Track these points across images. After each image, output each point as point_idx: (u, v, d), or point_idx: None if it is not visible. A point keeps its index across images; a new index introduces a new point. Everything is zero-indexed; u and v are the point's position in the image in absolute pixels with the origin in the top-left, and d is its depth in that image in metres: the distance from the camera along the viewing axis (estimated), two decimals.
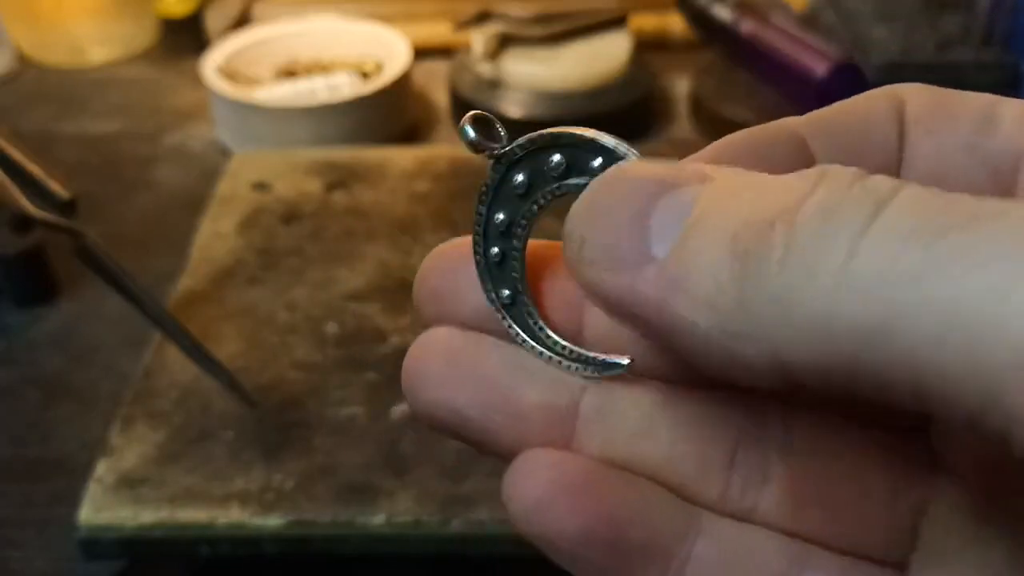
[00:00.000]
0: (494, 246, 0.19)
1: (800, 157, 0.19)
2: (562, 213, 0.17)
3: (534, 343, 0.19)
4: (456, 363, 0.20)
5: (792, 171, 0.16)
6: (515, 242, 0.19)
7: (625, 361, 0.19)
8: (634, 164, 0.17)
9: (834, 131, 0.19)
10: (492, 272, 0.20)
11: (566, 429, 0.19)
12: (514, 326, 0.19)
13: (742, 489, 0.19)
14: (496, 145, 0.19)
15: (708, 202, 0.15)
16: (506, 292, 0.19)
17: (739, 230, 0.14)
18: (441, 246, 0.20)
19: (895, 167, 0.19)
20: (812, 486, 0.19)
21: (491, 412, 0.19)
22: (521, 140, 0.18)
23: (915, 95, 0.19)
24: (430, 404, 0.20)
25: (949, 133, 0.19)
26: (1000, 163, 0.18)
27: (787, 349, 0.14)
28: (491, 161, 0.19)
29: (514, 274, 0.19)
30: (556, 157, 0.18)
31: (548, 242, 0.20)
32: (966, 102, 0.19)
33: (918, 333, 0.13)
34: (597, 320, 0.19)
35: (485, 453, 0.20)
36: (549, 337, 0.19)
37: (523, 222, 0.19)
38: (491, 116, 0.19)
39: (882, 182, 0.14)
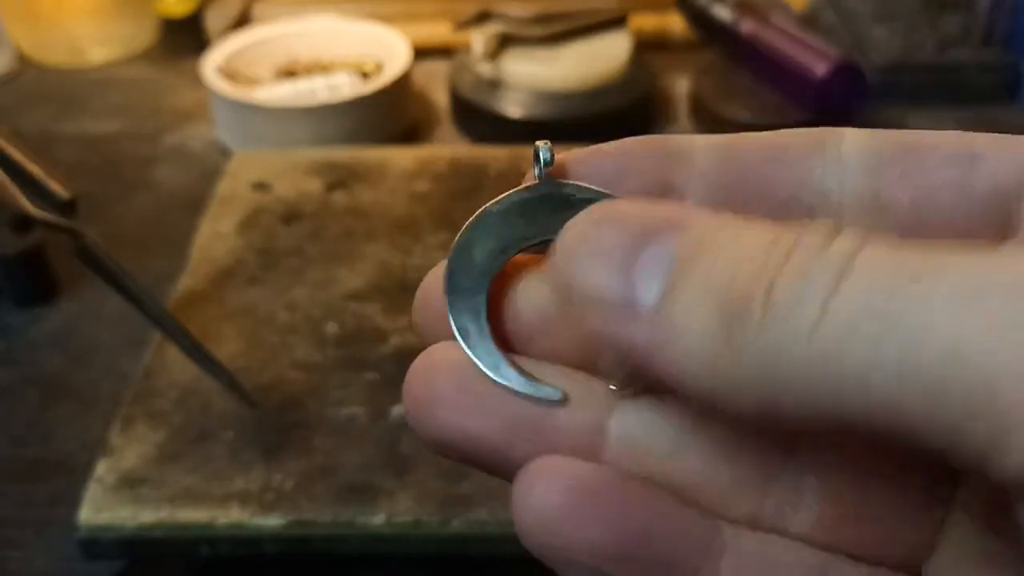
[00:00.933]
0: (476, 250, 0.20)
1: (657, 184, 0.20)
2: None
3: (481, 362, 0.19)
4: (470, 386, 0.19)
5: (654, 186, 0.19)
6: (497, 259, 0.20)
7: (557, 396, 0.19)
8: (612, 209, 0.17)
9: (740, 159, 0.20)
10: (461, 273, 0.20)
11: (593, 454, 0.19)
12: (462, 335, 0.19)
13: (776, 509, 0.19)
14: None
15: (690, 257, 0.16)
16: (467, 298, 0.20)
17: (722, 293, 0.15)
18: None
19: (814, 204, 0.19)
20: (847, 505, 0.19)
21: (514, 438, 0.19)
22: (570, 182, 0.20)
23: (855, 135, 0.19)
24: (446, 432, 0.19)
25: (926, 169, 0.19)
26: (990, 199, 0.19)
27: (773, 401, 0.15)
28: (534, 183, 0.20)
29: (483, 283, 0.20)
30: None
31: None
32: (929, 138, 0.19)
33: (886, 385, 0.14)
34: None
35: (499, 477, 0.19)
36: (494, 351, 0.19)
37: (509, 252, 0.20)
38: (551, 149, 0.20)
39: (849, 239, 0.15)
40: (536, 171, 0.20)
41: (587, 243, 0.17)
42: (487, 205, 0.20)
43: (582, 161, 0.20)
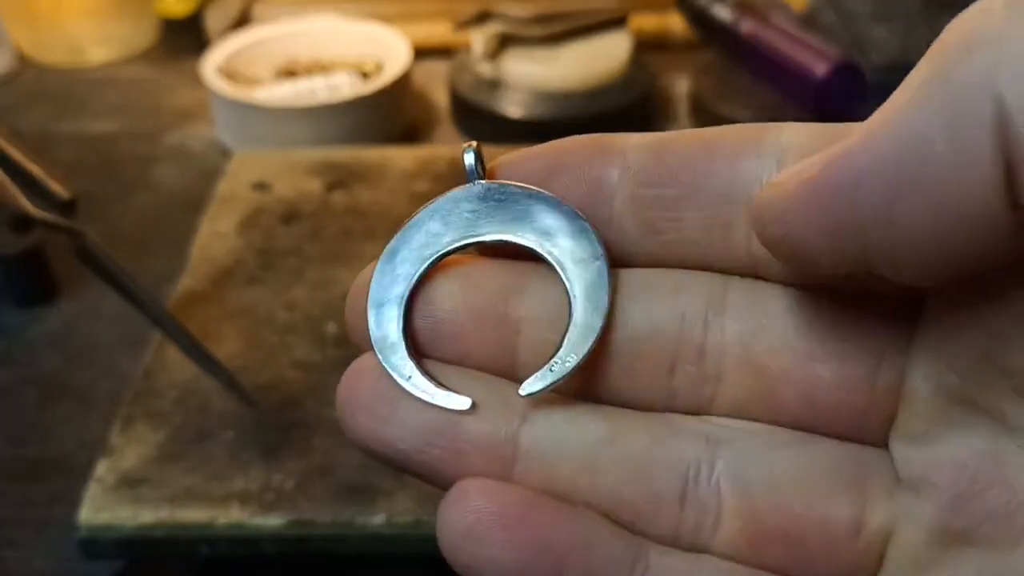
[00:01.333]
0: (398, 257, 0.20)
1: (588, 181, 0.20)
2: None
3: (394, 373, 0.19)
4: (388, 395, 0.19)
5: (585, 184, 0.20)
6: (419, 265, 0.20)
7: (465, 406, 0.19)
8: None
9: (674, 157, 0.20)
10: (385, 279, 0.20)
11: (506, 463, 0.19)
12: (376, 340, 0.20)
13: (695, 525, 0.19)
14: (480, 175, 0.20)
15: None
16: (387, 306, 0.20)
17: None
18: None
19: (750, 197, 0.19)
20: (772, 522, 0.19)
21: (427, 446, 0.19)
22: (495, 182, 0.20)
23: (798, 130, 0.20)
24: (366, 437, 0.19)
25: None
26: None
27: None
28: (464, 186, 0.20)
29: (403, 288, 0.20)
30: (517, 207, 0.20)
31: (467, 257, 0.20)
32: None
33: None
34: (529, 341, 0.19)
35: (436, 487, 0.19)
36: (406, 359, 0.19)
37: (435, 256, 0.20)
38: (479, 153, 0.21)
39: None
40: (467, 174, 0.20)
41: None
42: (418, 210, 0.21)
43: (516, 163, 0.20)
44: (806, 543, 0.18)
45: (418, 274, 0.20)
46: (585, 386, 0.19)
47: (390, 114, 0.72)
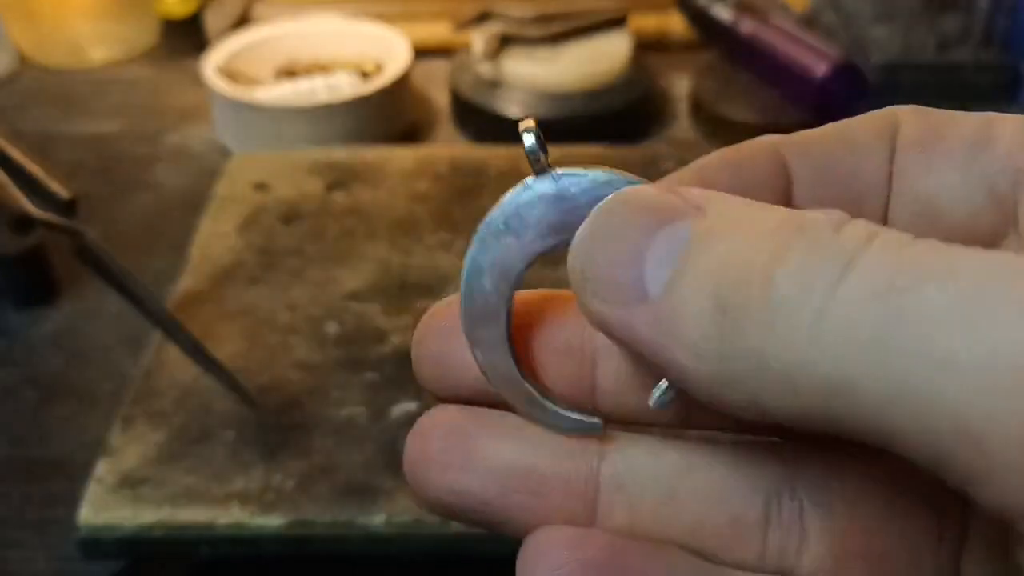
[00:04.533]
0: (485, 278, 0.18)
1: (778, 179, 0.19)
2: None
3: (508, 391, 0.18)
4: (462, 445, 0.19)
5: (770, 192, 0.18)
6: (507, 282, 0.18)
7: (598, 428, 0.18)
8: (631, 194, 0.17)
9: (817, 154, 0.19)
10: (476, 305, 0.18)
11: (588, 502, 0.19)
12: (488, 371, 0.18)
13: (780, 548, 0.18)
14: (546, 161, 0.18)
15: (698, 244, 0.16)
16: (487, 331, 0.18)
17: (721, 283, 0.15)
18: (439, 306, 0.19)
19: (883, 195, 0.19)
20: (854, 539, 0.18)
21: (508, 492, 0.18)
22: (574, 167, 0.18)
23: (909, 118, 0.19)
24: (441, 491, 0.19)
25: (942, 154, 0.18)
26: (998, 182, 0.18)
27: (764, 398, 0.15)
28: (530, 179, 0.18)
29: (500, 311, 0.18)
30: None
31: (543, 291, 0.20)
32: (959, 122, 0.19)
33: (876, 393, 0.14)
34: (608, 371, 0.19)
35: (507, 534, 0.19)
36: (524, 385, 0.18)
37: (523, 263, 0.18)
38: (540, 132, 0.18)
39: (855, 234, 0.15)
40: (532, 163, 0.18)
41: (602, 228, 0.17)
42: (485, 220, 0.18)
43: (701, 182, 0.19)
44: (889, 558, 0.18)
45: (513, 290, 0.18)
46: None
47: (390, 114, 0.72)
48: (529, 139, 0.17)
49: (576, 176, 0.18)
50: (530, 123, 0.18)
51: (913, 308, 0.13)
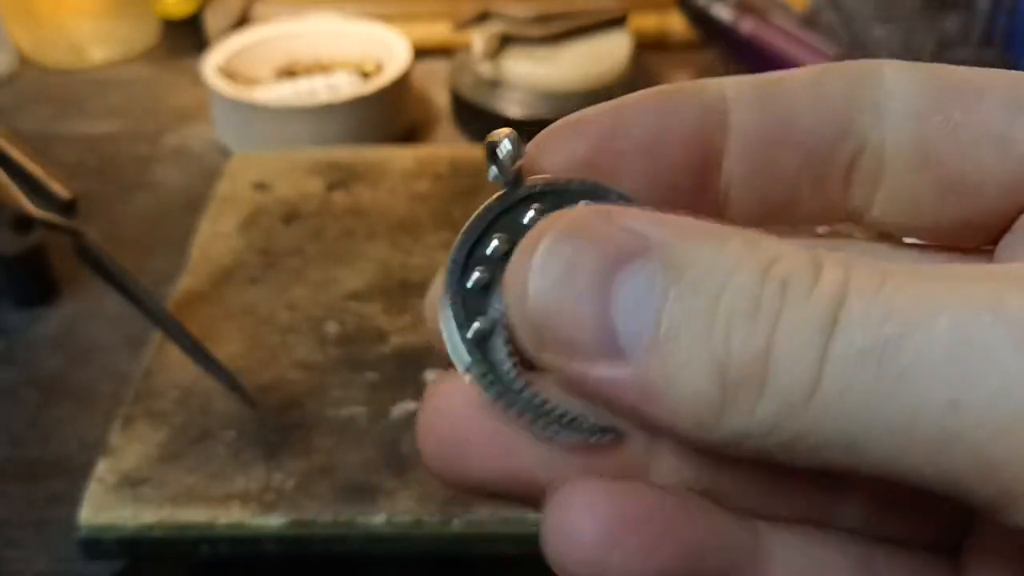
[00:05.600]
0: (478, 269, 0.17)
1: (704, 132, 0.18)
2: None
3: (506, 397, 0.17)
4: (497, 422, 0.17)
5: (691, 145, 0.17)
6: (498, 296, 0.17)
7: (610, 437, 0.17)
8: (572, 226, 0.15)
9: (776, 106, 0.18)
10: (468, 298, 0.17)
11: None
12: (485, 379, 0.17)
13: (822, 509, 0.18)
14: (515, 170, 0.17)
15: (677, 296, 0.14)
16: (480, 324, 0.17)
17: (715, 355, 0.14)
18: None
19: (854, 154, 0.18)
20: (888, 500, 0.18)
21: (554, 469, 0.17)
22: (549, 177, 0.17)
23: (902, 75, 0.17)
24: (479, 471, 0.17)
25: (971, 126, 0.17)
26: None
27: (775, 454, 0.15)
28: (510, 181, 0.17)
29: (497, 304, 0.17)
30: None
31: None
32: (981, 84, 0.17)
33: (889, 445, 0.14)
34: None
35: (535, 507, 0.17)
36: (525, 389, 0.17)
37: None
38: (517, 139, 0.17)
39: (834, 279, 0.14)
40: (496, 173, 0.17)
41: (550, 272, 0.15)
42: (457, 241, 0.18)
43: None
44: None
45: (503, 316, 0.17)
46: None
47: (390, 114, 0.72)
48: (506, 147, 0.17)
49: (554, 187, 0.17)
50: (503, 132, 0.17)
51: (909, 361, 0.13)
